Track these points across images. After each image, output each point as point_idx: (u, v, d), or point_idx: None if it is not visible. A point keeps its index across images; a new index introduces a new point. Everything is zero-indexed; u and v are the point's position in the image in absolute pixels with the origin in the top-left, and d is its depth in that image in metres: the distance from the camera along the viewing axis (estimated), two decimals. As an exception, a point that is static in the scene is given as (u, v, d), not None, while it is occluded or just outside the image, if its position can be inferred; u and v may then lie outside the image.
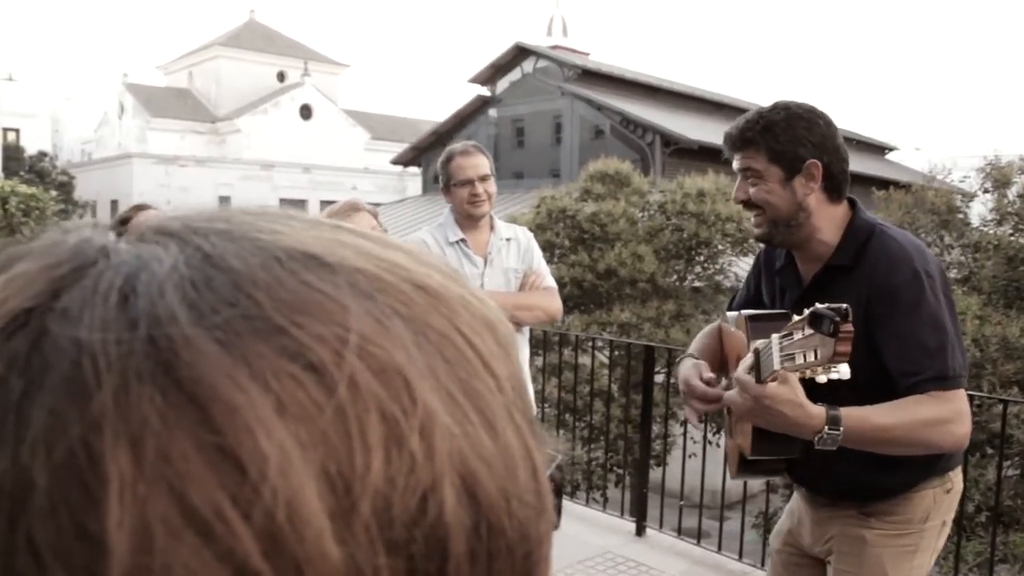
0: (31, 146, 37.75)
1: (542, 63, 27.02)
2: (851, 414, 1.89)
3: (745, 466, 2.23)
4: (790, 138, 2.14)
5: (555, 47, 29.38)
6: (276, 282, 0.28)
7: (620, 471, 8.88)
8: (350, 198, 3.48)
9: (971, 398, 5.99)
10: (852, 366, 1.76)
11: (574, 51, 29.85)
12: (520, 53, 27.08)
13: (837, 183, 2.18)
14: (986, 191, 11.72)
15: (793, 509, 2.46)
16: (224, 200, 35.05)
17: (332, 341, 0.27)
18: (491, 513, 0.28)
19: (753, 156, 2.17)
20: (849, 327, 1.64)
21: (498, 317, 0.33)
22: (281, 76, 42.30)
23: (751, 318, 2.16)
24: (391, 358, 0.28)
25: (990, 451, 7.68)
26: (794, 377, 1.84)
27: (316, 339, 0.27)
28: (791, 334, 1.77)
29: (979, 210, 11.99)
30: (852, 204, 2.23)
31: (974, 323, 8.10)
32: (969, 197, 12.30)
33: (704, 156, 21.28)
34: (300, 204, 36.44)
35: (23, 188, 7.81)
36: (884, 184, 15.14)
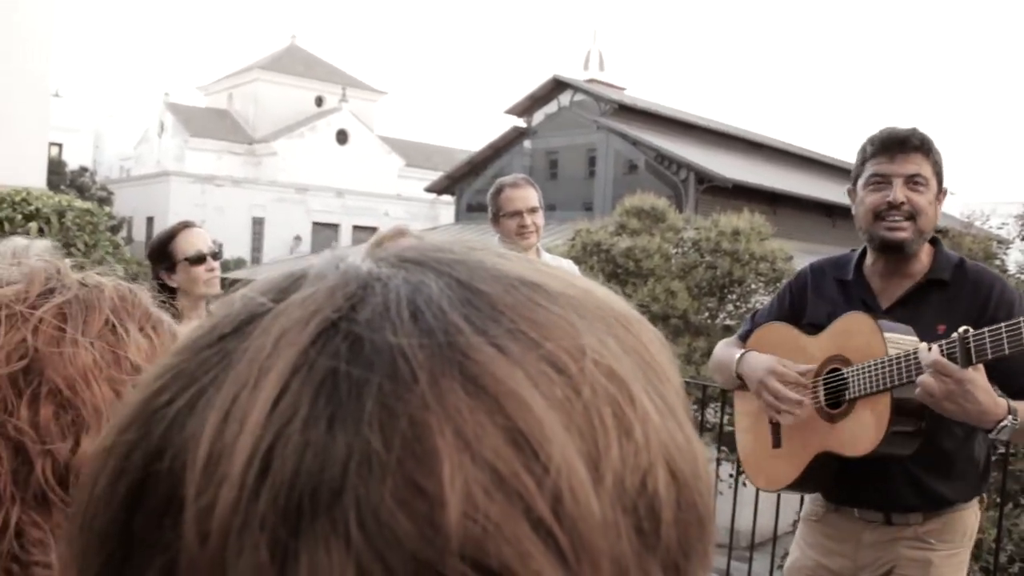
0: (72, 161, 38.37)
1: (579, 96, 27.19)
2: (1018, 406, 2.03)
3: (809, 477, 2.39)
4: (940, 158, 2.33)
5: (591, 81, 29.54)
6: (519, 304, 0.34)
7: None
8: (397, 224, 3.55)
9: (1007, 445, 5.92)
10: None
11: (610, 85, 30.01)
12: (557, 86, 27.28)
13: None
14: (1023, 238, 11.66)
15: (816, 542, 2.48)
16: (257, 221, 35.42)
17: (573, 352, 0.33)
18: (686, 490, 0.34)
19: (922, 163, 2.28)
20: None
21: (660, 336, 0.39)
22: (319, 101, 42.82)
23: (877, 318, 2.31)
24: (613, 366, 0.34)
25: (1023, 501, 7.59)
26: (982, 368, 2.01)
27: (562, 350, 0.33)
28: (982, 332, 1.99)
29: (1016, 257, 11.92)
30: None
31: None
32: (1007, 244, 12.25)
33: (738, 194, 21.29)
34: (332, 228, 36.76)
35: (79, 203, 7.99)
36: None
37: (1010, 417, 1.98)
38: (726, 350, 2.66)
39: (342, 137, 41.15)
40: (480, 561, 0.29)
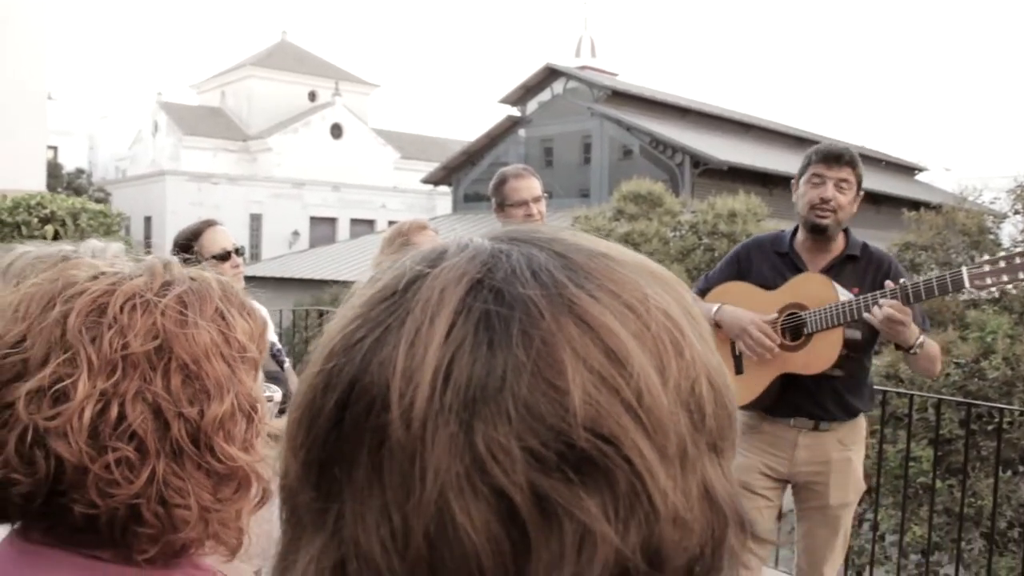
0: (68, 163, 38.39)
1: (572, 84, 27.27)
2: (925, 336, 2.95)
3: (764, 396, 3.17)
4: (862, 171, 3.24)
5: (584, 68, 29.62)
6: (600, 268, 0.48)
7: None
8: (416, 217, 3.69)
9: (1001, 413, 6.09)
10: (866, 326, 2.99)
11: (603, 72, 30.08)
12: (550, 74, 27.35)
13: None
14: (1017, 212, 11.79)
15: (757, 447, 3.24)
16: (255, 218, 35.49)
17: (641, 299, 0.47)
18: (721, 396, 0.49)
19: (849, 172, 3.16)
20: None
21: (692, 292, 0.55)
22: (312, 96, 42.79)
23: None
24: (667, 307, 0.48)
25: (1022, 468, 7.76)
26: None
27: (633, 298, 0.47)
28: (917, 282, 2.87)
29: (1010, 231, 12.06)
30: None
31: (1005, 342, 8.19)
32: (1000, 218, 12.38)
33: (733, 176, 21.42)
34: (330, 222, 36.83)
35: (92, 205, 8.11)
36: (914, 205, 15.22)
37: (921, 338, 2.90)
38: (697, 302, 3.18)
39: (336, 131, 41.17)
40: (596, 431, 0.42)
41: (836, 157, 3.14)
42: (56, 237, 6.75)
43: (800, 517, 3.34)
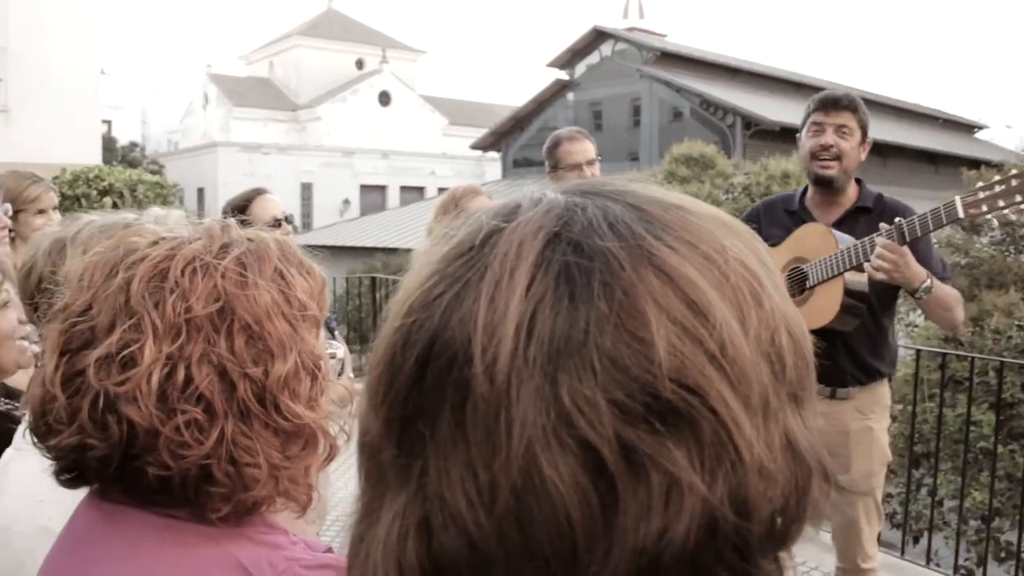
0: (122, 137, 38.95)
1: (620, 46, 27.00)
2: (931, 279, 2.79)
3: None
4: (866, 116, 3.09)
5: (632, 29, 29.28)
6: (676, 219, 0.48)
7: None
8: (470, 183, 3.69)
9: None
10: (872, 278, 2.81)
11: (651, 33, 29.73)
12: (598, 36, 27.10)
13: None
14: (1082, 169, 11.45)
15: None
16: (306, 187, 35.77)
17: (719, 249, 0.47)
18: (799, 345, 0.49)
19: (849, 117, 3.02)
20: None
21: (765, 244, 0.53)
22: (359, 63, 42.87)
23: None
24: (744, 258, 0.48)
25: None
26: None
27: (712, 249, 0.47)
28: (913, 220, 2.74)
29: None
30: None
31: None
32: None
33: (786, 137, 21.05)
34: (380, 190, 36.99)
35: (148, 176, 8.26)
36: (974, 164, 14.85)
37: (928, 280, 2.76)
38: None
39: (384, 99, 41.22)
40: (681, 381, 0.42)
41: (834, 102, 3.03)
42: (115, 208, 6.89)
43: None
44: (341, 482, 4.59)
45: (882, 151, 23.06)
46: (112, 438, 0.87)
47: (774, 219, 3.20)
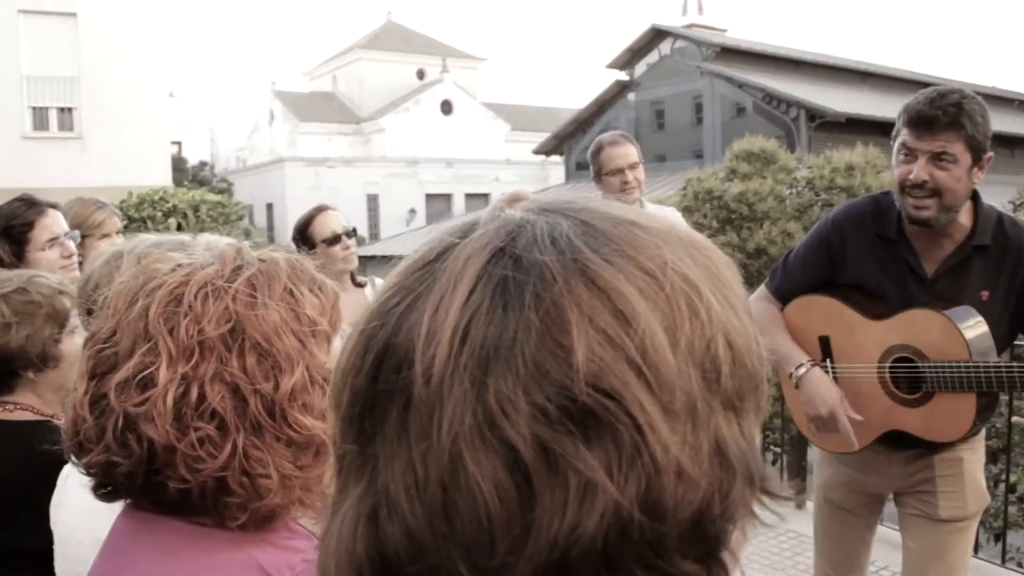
0: (192, 157, 39.93)
1: (679, 43, 26.76)
2: None
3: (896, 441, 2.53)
4: (985, 130, 2.27)
5: (691, 26, 28.99)
6: (622, 234, 0.51)
7: (777, 450, 8.87)
8: (515, 189, 3.74)
9: None
10: (994, 335, 2.32)
11: (711, 28, 29.39)
12: (656, 35, 26.90)
13: None
14: None
15: (848, 460, 2.64)
16: (372, 198, 36.21)
17: (658, 262, 0.49)
18: (740, 356, 0.51)
19: (951, 140, 2.24)
20: None
21: (728, 259, 0.56)
22: (420, 74, 43.27)
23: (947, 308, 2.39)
24: (687, 272, 0.50)
25: None
26: None
27: (650, 262, 0.49)
28: None
29: None
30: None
31: None
32: None
33: (852, 128, 20.69)
34: (445, 198, 37.26)
35: (211, 196, 8.49)
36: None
37: None
38: (775, 328, 2.61)
39: (447, 107, 41.53)
40: (598, 386, 0.45)
41: (928, 122, 2.24)
42: (180, 229, 7.08)
43: (901, 527, 2.69)
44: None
45: (1008, 143, 22.46)
46: (134, 455, 0.93)
47: (865, 245, 2.50)
